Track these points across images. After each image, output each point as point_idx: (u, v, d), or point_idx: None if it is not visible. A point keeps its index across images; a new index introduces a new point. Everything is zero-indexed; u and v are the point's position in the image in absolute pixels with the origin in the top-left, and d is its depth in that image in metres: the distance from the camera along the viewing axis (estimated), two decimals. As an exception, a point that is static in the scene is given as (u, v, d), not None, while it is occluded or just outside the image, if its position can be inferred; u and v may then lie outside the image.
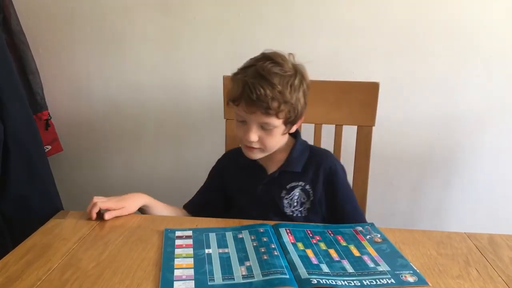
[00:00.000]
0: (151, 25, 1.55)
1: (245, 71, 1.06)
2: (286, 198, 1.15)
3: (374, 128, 1.33)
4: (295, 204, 1.15)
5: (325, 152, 1.22)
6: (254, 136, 1.06)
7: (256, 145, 1.08)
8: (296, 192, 1.15)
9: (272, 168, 1.17)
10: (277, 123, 1.06)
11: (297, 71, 1.08)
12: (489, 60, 1.51)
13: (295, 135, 1.19)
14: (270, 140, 1.08)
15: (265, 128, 1.07)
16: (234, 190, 1.21)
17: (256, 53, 1.10)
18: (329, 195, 1.16)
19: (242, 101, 1.04)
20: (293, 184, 1.15)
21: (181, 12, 1.53)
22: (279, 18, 1.51)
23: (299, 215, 1.15)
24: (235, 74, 1.09)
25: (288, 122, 1.09)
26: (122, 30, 1.56)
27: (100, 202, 1.06)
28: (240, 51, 1.50)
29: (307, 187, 1.15)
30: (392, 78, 1.53)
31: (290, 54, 1.10)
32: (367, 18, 1.50)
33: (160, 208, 1.14)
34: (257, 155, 1.12)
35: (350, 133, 1.34)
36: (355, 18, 1.50)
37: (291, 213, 1.15)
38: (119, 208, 1.07)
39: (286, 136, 1.15)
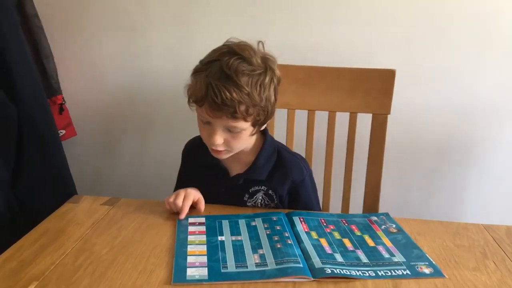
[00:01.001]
0: (166, 10, 1.53)
1: (208, 67, 0.95)
2: (249, 202, 1.10)
3: (389, 117, 1.30)
4: (259, 206, 1.10)
5: (294, 161, 1.12)
6: (219, 139, 0.97)
7: (221, 147, 1.00)
8: (259, 196, 1.10)
9: (235, 170, 1.10)
10: (245, 126, 0.97)
11: (267, 67, 0.97)
12: (506, 53, 1.47)
13: (264, 132, 1.11)
14: (237, 143, 1.00)
15: (231, 131, 0.97)
16: (194, 186, 1.09)
17: (270, 41, 1.02)
18: (292, 199, 1.12)
19: (205, 104, 0.94)
20: (256, 188, 1.10)
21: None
22: (296, 3, 1.48)
23: None
24: (197, 70, 0.97)
25: (257, 124, 1.00)
26: (136, 16, 1.55)
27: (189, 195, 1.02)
28: (255, 35, 1.48)
29: (270, 191, 1.10)
30: (409, 66, 1.50)
31: (259, 42, 1.00)
32: (385, 5, 1.46)
33: None
34: (225, 156, 1.03)
35: (365, 121, 1.32)
36: (373, 4, 1.46)
37: None
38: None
39: (255, 136, 1.07)
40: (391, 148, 1.41)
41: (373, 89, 1.29)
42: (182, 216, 0.99)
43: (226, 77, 0.91)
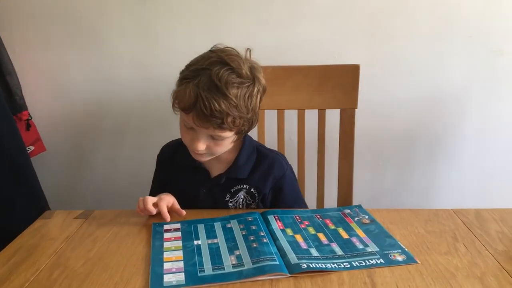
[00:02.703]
0: (128, 18, 1.52)
1: (196, 75, 0.94)
2: (231, 201, 1.11)
3: (357, 111, 1.33)
4: (240, 206, 1.11)
5: (274, 158, 1.14)
6: (202, 146, 0.98)
7: (203, 152, 1.01)
8: (241, 195, 1.11)
9: (216, 170, 1.11)
10: (229, 134, 0.99)
11: (255, 78, 0.98)
12: (469, 39, 1.52)
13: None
14: (219, 149, 1.02)
15: (215, 139, 0.99)
16: (172, 191, 1.09)
17: (236, 43, 1.03)
18: (275, 197, 1.13)
19: (193, 112, 0.94)
20: (238, 187, 1.10)
21: (157, 3, 1.50)
22: (257, 6, 1.50)
23: None
24: (185, 78, 0.97)
25: (241, 132, 1.03)
26: (98, 24, 1.53)
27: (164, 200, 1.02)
28: (219, 40, 1.49)
29: (252, 190, 1.11)
30: (373, 60, 1.53)
31: (247, 50, 1.01)
32: (345, 1, 1.49)
33: None
34: (205, 159, 1.05)
35: (333, 116, 1.34)
36: (333, 0, 1.49)
37: None
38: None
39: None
40: (362, 142, 1.44)
41: (339, 85, 1.32)
42: (168, 219, 0.99)
43: (216, 88, 0.92)
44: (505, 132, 1.62)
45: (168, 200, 1.03)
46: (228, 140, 1.01)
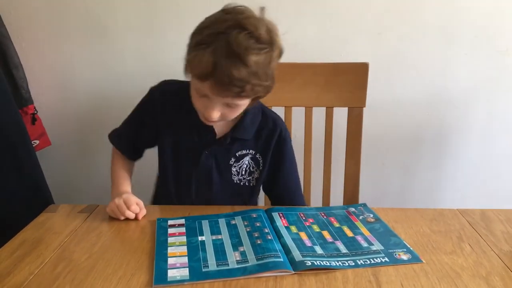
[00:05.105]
0: (134, 13, 1.52)
1: (212, 41, 0.87)
2: (235, 166, 1.09)
3: (364, 110, 1.32)
4: (243, 172, 1.10)
5: (277, 118, 1.12)
6: (216, 114, 0.94)
7: (216, 120, 0.97)
8: (246, 161, 1.09)
9: (221, 130, 1.07)
10: (245, 102, 0.96)
11: (273, 42, 0.91)
12: (475, 39, 1.51)
13: None
14: (233, 115, 0.98)
15: (230, 106, 0.95)
16: (167, 143, 1.06)
17: None
18: (275, 164, 1.12)
19: (210, 81, 0.88)
20: (244, 151, 1.08)
21: (164, -2, 1.51)
22: (264, 3, 1.48)
23: (246, 184, 1.11)
24: (200, 43, 0.88)
25: (256, 99, 0.99)
26: (105, 20, 1.54)
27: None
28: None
29: (258, 156, 1.09)
30: (380, 58, 1.52)
31: (262, 8, 0.92)
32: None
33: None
34: (216, 123, 1.01)
35: (341, 115, 1.33)
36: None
37: (238, 181, 1.11)
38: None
39: None
40: (367, 140, 1.43)
41: (347, 83, 1.31)
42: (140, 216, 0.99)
43: (235, 55, 0.85)
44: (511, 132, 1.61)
45: (138, 202, 1.01)
46: (242, 107, 0.97)
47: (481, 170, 1.66)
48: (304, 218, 0.99)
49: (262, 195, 1.24)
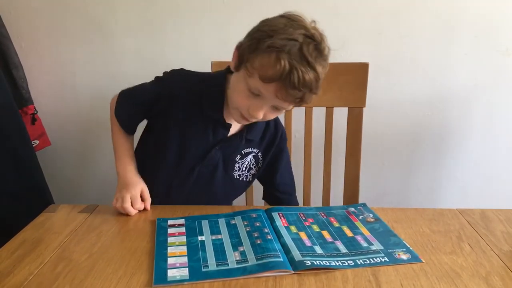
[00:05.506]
0: (135, 14, 1.53)
1: (285, 45, 0.87)
2: (238, 163, 1.12)
3: (364, 109, 1.32)
4: (244, 168, 1.13)
5: (277, 119, 1.16)
6: (261, 114, 0.96)
7: (260, 119, 0.98)
8: (248, 158, 1.13)
9: (234, 127, 1.09)
10: (292, 106, 0.98)
11: (328, 57, 0.95)
12: (475, 39, 1.51)
13: None
14: (273, 116, 1.01)
15: (277, 109, 0.97)
16: (173, 133, 1.06)
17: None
18: (273, 159, 1.16)
19: (278, 83, 0.89)
20: (249, 150, 1.12)
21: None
22: (265, 3, 1.49)
23: (244, 179, 1.15)
24: (272, 46, 0.88)
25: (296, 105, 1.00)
26: (105, 20, 1.54)
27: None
28: (226, 37, 1.49)
29: (259, 154, 1.14)
30: (380, 58, 1.52)
31: (313, 22, 0.95)
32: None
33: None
34: (248, 123, 1.03)
35: (341, 114, 1.33)
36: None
37: (238, 177, 1.14)
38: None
39: None
40: (367, 140, 1.43)
41: (347, 83, 1.31)
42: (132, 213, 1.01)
43: (308, 63, 0.88)
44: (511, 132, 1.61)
45: (143, 194, 1.05)
46: (284, 111, 1.00)
47: (481, 170, 1.66)
48: (304, 218, 0.99)
49: (262, 195, 1.25)
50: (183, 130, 1.07)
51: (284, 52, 0.87)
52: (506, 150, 1.64)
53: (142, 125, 1.17)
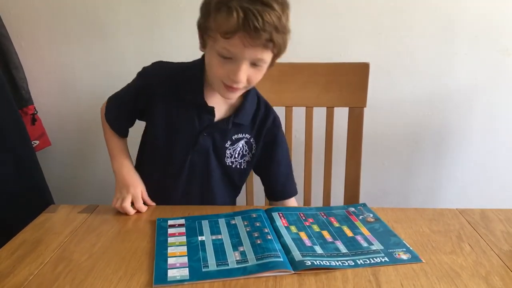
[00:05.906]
0: (134, 14, 1.53)
1: None
2: (229, 149, 1.10)
3: (365, 109, 1.32)
4: (236, 155, 1.11)
5: (268, 104, 1.14)
6: (244, 76, 0.93)
7: (241, 85, 0.96)
8: (240, 144, 1.10)
9: (220, 112, 1.07)
10: (269, 58, 0.94)
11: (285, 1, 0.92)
12: (475, 39, 1.51)
13: None
14: (258, 77, 0.97)
15: (255, 65, 0.94)
16: (160, 124, 1.06)
17: None
18: (268, 149, 1.14)
19: (240, 33, 0.87)
20: (239, 135, 1.10)
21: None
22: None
23: (238, 166, 1.13)
24: (220, 2, 0.88)
25: (275, 57, 0.97)
26: (104, 20, 1.54)
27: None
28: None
29: (252, 140, 1.11)
30: (380, 58, 1.52)
31: None
32: (352, -1, 1.49)
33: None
34: (238, 95, 1.01)
35: (341, 115, 1.33)
36: (341, -1, 1.49)
37: (231, 164, 1.11)
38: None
39: None
40: (369, 140, 1.44)
41: (348, 83, 1.31)
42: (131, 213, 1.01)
43: (260, 2, 0.86)
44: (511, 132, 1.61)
45: (143, 193, 1.05)
46: (265, 67, 0.96)
47: (481, 170, 1.66)
48: (304, 218, 0.99)
49: (262, 196, 1.25)
50: (169, 120, 1.07)
51: (233, 1, 0.86)
52: (506, 150, 1.64)
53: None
